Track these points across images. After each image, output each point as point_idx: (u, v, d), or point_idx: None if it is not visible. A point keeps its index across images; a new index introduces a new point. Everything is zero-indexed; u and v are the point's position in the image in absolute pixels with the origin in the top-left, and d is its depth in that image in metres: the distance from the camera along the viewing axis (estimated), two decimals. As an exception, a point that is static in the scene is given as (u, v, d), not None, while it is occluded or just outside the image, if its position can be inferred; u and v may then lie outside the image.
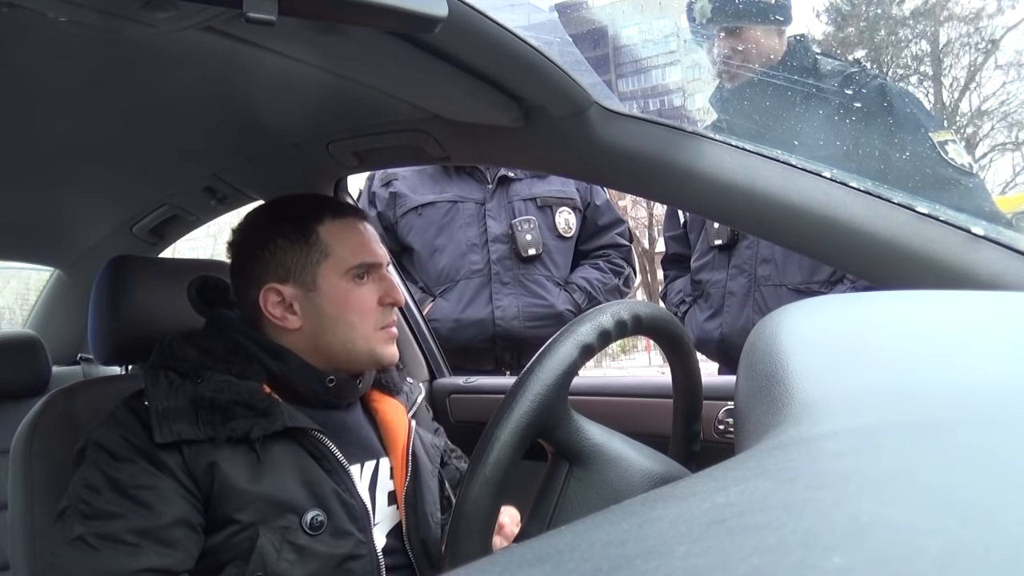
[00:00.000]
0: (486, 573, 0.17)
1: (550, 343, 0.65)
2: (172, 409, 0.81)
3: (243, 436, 0.81)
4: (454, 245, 1.82)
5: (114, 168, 1.26)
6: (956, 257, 0.73)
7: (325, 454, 0.86)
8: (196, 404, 0.82)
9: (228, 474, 0.79)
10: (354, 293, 0.90)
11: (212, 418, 0.81)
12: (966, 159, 1.38)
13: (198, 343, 0.89)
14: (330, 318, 0.89)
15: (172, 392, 0.82)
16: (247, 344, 0.89)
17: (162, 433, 0.79)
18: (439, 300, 1.81)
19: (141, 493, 0.77)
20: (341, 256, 0.90)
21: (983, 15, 13.69)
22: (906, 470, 0.19)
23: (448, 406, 1.51)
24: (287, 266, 0.90)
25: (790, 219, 0.81)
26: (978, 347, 0.31)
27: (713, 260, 1.72)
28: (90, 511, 0.76)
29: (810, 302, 0.40)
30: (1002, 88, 13.93)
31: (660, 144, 0.88)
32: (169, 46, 0.77)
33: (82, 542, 0.75)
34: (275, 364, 0.89)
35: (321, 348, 0.90)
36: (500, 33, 0.73)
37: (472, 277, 1.81)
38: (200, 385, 0.83)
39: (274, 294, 0.90)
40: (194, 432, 0.80)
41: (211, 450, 0.80)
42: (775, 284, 1.59)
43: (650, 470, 0.68)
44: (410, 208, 1.85)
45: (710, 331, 1.69)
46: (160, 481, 0.78)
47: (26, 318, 2.08)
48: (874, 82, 1.51)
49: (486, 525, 0.62)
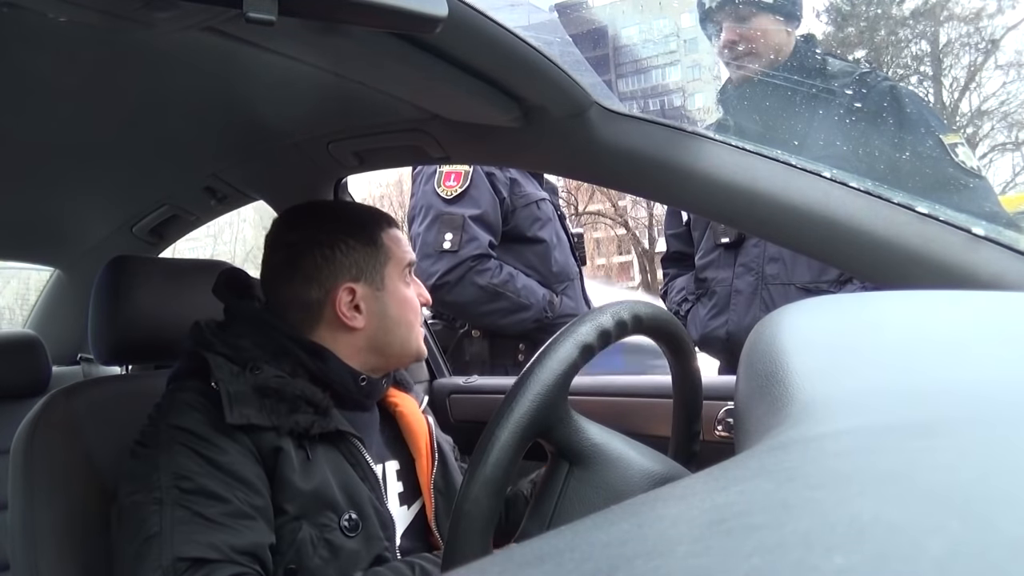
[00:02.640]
0: (486, 573, 0.17)
1: (550, 343, 0.65)
2: (240, 393, 0.81)
3: (303, 431, 0.82)
4: (562, 244, 1.86)
5: (114, 168, 1.26)
6: (956, 257, 0.73)
7: (360, 461, 0.88)
8: (261, 393, 0.82)
9: (286, 465, 0.81)
10: (408, 294, 0.95)
11: (277, 408, 0.82)
12: (975, 162, 1.40)
13: (245, 334, 0.88)
14: (393, 319, 0.93)
15: (236, 378, 0.83)
16: (291, 345, 0.89)
17: (233, 415, 0.79)
18: (563, 297, 1.83)
19: (240, 471, 0.78)
20: (398, 257, 0.95)
21: (983, 15, 13.69)
22: (906, 470, 0.19)
23: (448, 406, 1.51)
24: (360, 266, 0.92)
25: (790, 219, 0.81)
26: (978, 347, 0.31)
27: (719, 258, 1.71)
28: (193, 487, 0.76)
29: (810, 302, 0.40)
30: (1002, 88, 13.93)
31: (660, 144, 0.88)
32: (169, 46, 0.78)
33: (201, 517, 0.74)
34: (314, 363, 0.89)
35: (379, 347, 0.93)
36: (500, 33, 0.73)
37: (576, 278, 1.88)
38: (258, 376, 0.84)
39: (347, 293, 0.91)
40: (260, 418, 0.81)
41: (274, 438, 0.81)
42: (783, 283, 1.59)
43: (650, 470, 0.68)
44: (532, 200, 1.82)
45: (715, 329, 1.69)
46: (249, 461, 0.79)
47: (26, 318, 2.08)
48: (883, 84, 1.50)
49: (486, 525, 0.62)
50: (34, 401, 0.99)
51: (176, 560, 0.72)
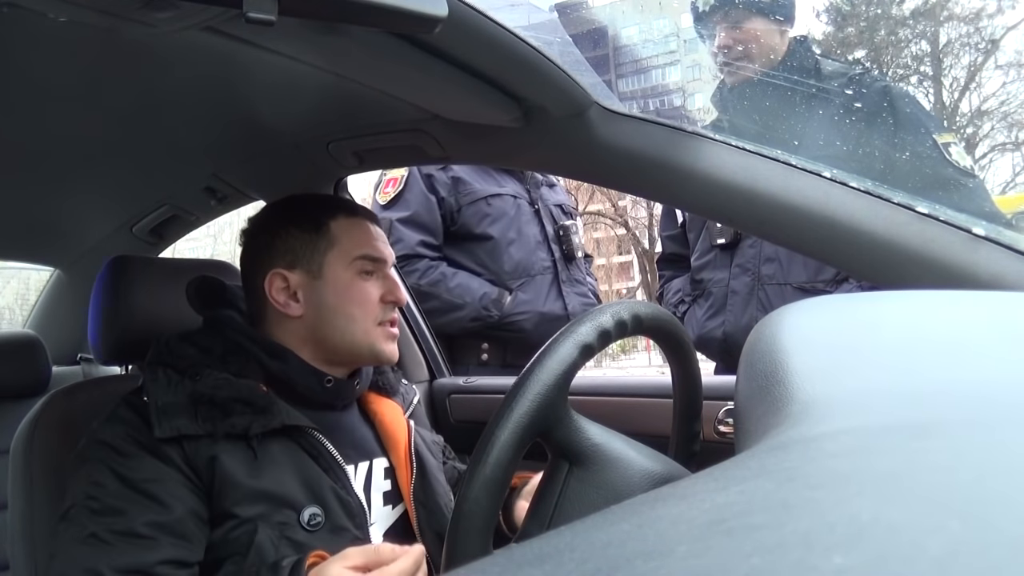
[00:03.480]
0: (486, 573, 0.17)
1: (550, 343, 0.65)
2: (171, 404, 0.81)
3: (242, 432, 0.82)
4: (523, 240, 1.84)
5: (114, 168, 1.26)
6: (956, 257, 0.73)
7: (322, 452, 0.87)
8: (195, 400, 0.82)
9: (227, 469, 0.80)
10: (357, 285, 0.92)
11: (211, 414, 0.82)
12: (968, 161, 1.40)
13: (196, 342, 0.90)
14: (331, 308, 0.91)
15: (171, 388, 0.83)
16: (246, 343, 0.90)
17: (162, 428, 0.79)
18: (518, 293, 1.82)
19: (150, 487, 0.77)
20: (347, 247, 0.93)
21: (983, 15, 13.69)
22: (906, 470, 0.19)
23: (448, 406, 1.51)
24: (295, 252, 0.92)
25: (790, 219, 0.81)
26: (978, 347, 0.31)
27: (715, 259, 1.71)
28: (100, 507, 0.76)
29: (810, 302, 0.40)
30: (1002, 88, 13.93)
31: (660, 144, 0.88)
32: (169, 46, 0.77)
33: (95, 538, 0.74)
34: (274, 363, 0.89)
35: (320, 340, 0.92)
36: (500, 33, 0.73)
37: (544, 273, 1.85)
38: (199, 382, 0.84)
39: (280, 279, 0.91)
40: (193, 427, 0.81)
41: (210, 445, 0.81)
42: (779, 283, 1.59)
43: (650, 470, 0.68)
44: (479, 197, 1.82)
45: (712, 330, 1.69)
46: (166, 474, 0.79)
47: (26, 318, 2.08)
48: (877, 84, 1.51)
49: (486, 525, 0.62)
50: (34, 401, 0.99)
51: None
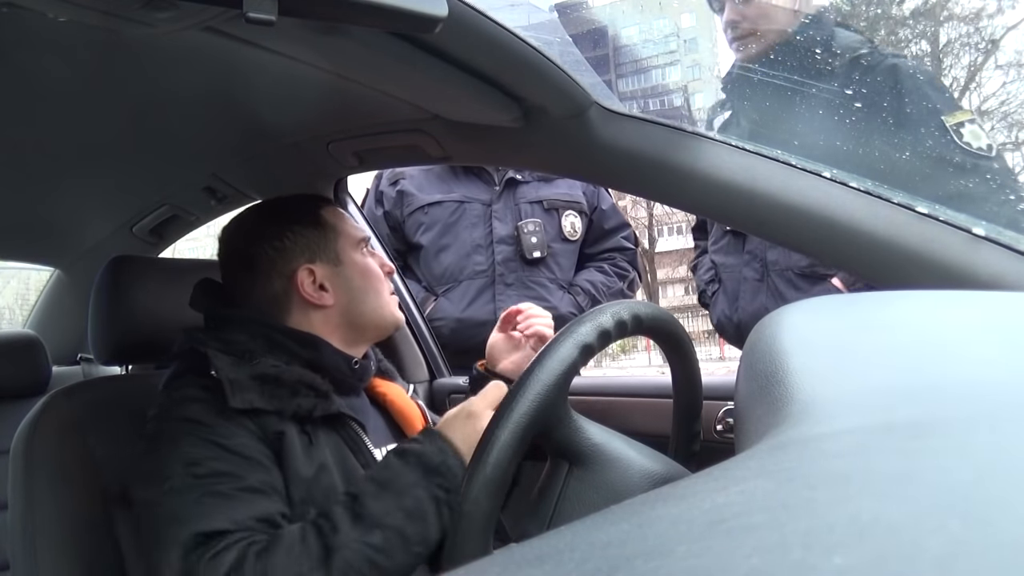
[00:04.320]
0: (486, 573, 0.17)
1: (550, 343, 0.65)
2: (241, 380, 0.82)
3: (306, 413, 0.84)
4: (459, 245, 1.82)
5: (114, 168, 1.26)
6: (956, 257, 0.73)
7: (360, 447, 0.89)
8: (261, 380, 0.83)
9: (290, 449, 0.82)
10: (368, 264, 0.98)
11: (279, 392, 0.83)
12: (984, 141, 1.26)
13: (241, 333, 0.90)
14: (359, 288, 0.96)
15: (235, 368, 0.84)
16: (276, 336, 0.91)
17: (235, 399, 0.80)
18: (441, 299, 1.81)
19: (245, 450, 0.79)
20: (348, 232, 0.98)
21: (983, 15, 13.67)
22: (906, 470, 0.19)
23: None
24: (312, 247, 0.94)
25: (790, 219, 0.81)
26: (978, 347, 0.31)
27: (728, 244, 1.69)
28: (205, 471, 0.77)
29: (810, 302, 0.41)
30: (1002, 88, 13.90)
31: (660, 144, 0.88)
32: (169, 46, 0.77)
33: (215, 494, 0.75)
34: (307, 352, 0.91)
35: (352, 321, 0.95)
36: (500, 33, 0.73)
37: (475, 278, 1.81)
38: (257, 366, 0.85)
39: (307, 274, 0.93)
40: (263, 402, 0.82)
41: (277, 422, 0.82)
42: (782, 268, 1.57)
43: (650, 470, 0.69)
44: (417, 207, 1.84)
45: (730, 316, 1.67)
46: (253, 441, 0.80)
47: (26, 318, 2.08)
48: (885, 62, 1.38)
49: (486, 525, 0.62)
50: (34, 401, 0.99)
51: (195, 535, 0.73)
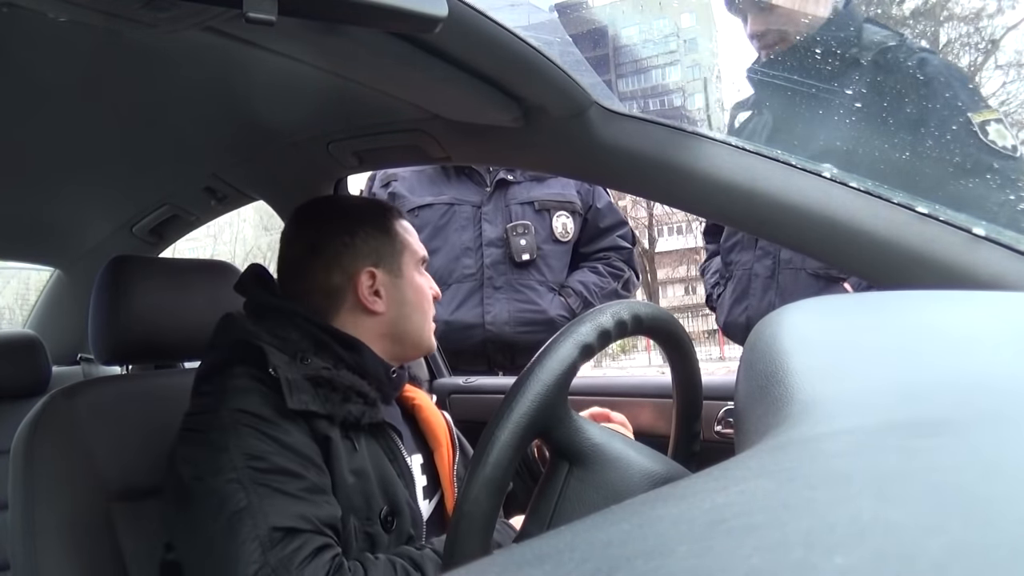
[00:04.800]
0: (486, 573, 0.17)
1: (550, 343, 0.65)
2: (297, 380, 0.82)
3: (355, 420, 0.84)
4: (448, 248, 1.81)
5: (114, 168, 1.26)
6: (956, 257, 0.73)
7: (398, 456, 0.89)
8: (315, 383, 0.83)
9: (335, 455, 0.81)
10: (422, 284, 0.98)
11: (332, 397, 0.83)
12: (1010, 140, 1.26)
13: (291, 329, 0.88)
14: (411, 305, 0.96)
15: (291, 367, 0.83)
16: (321, 335, 0.89)
17: (293, 400, 0.80)
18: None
19: (305, 450, 0.79)
20: (414, 248, 0.99)
21: (983, 15, 13.67)
22: (906, 470, 0.19)
23: (448, 406, 1.51)
24: (379, 252, 0.95)
25: (790, 219, 0.81)
26: (978, 347, 0.31)
27: (743, 240, 1.66)
28: (268, 467, 0.76)
29: (810, 302, 0.41)
30: (1002, 88, 13.89)
31: (660, 144, 0.88)
32: (169, 46, 0.77)
33: (282, 492, 0.75)
34: (349, 355, 0.90)
35: (398, 334, 0.95)
36: (500, 33, 0.73)
37: (464, 281, 1.80)
38: (309, 366, 0.84)
39: (368, 277, 0.93)
40: (317, 405, 0.81)
41: (327, 427, 0.82)
42: (796, 268, 1.54)
43: (650, 470, 0.68)
44: (407, 210, 1.83)
45: (737, 316, 1.64)
46: (310, 443, 0.80)
47: (26, 318, 2.08)
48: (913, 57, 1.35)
49: (486, 525, 0.62)
50: (34, 401, 0.99)
51: (272, 529, 0.73)
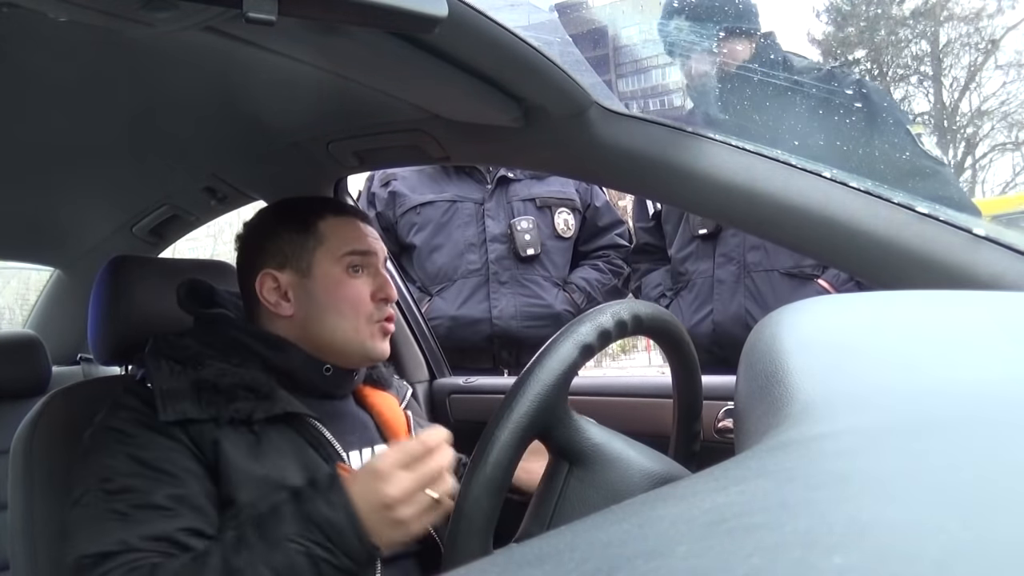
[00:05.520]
0: (486, 573, 0.17)
1: (550, 343, 0.65)
2: (175, 390, 0.82)
3: (245, 417, 0.83)
4: (452, 244, 1.82)
5: (114, 168, 1.26)
6: (956, 257, 0.73)
7: (321, 442, 0.88)
8: (198, 387, 0.83)
9: (230, 453, 0.81)
10: (347, 283, 0.92)
11: (215, 399, 0.83)
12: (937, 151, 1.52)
13: (197, 337, 0.91)
14: (321, 306, 0.91)
15: (173, 376, 0.84)
16: (244, 337, 0.91)
17: (166, 412, 0.80)
18: (436, 299, 1.82)
19: (163, 464, 0.79)
20: (335, 244, 0.93)
21: (983, 15, 13.69)
22: (906, 470, 0.19)
23: (448, 406, 1.51)
24: (285, 253, 0.93)
25: (790, 219, 0.81)
26: (978, 347, 0.31)
27: (697, 250, 1.70)
28: (115, 487, 0.77)
29: (810, 302, 0.41)
30: (1002, 88, 13.92)
31: (660, 144, 0.88)
32: (169, 46, 0.77)
33: (115, 513, 0.75)
34: (273, 354, 0.90)
35: (312, 337, 0.92)
36: (500, 33, 0.73)
37: (469, 276, 1.81)
38: (201, 371, 0.85)
39: (270, 279, 0.93)
40: (197, 411, 0.82)
41: (213, 429, 0.82)
42: (766, 269, 1.60)
43: (650, 470, 0.69)
44: (409, 208, 1.85)
45: (699, 322, 1.68)
46: (177, 453, 0.80)
47: (26, 318, 2.08)
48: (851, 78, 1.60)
49: (486, 525, 0.62)
50: (34, 401, 0.99)
51: (80, 557, 0.73)
